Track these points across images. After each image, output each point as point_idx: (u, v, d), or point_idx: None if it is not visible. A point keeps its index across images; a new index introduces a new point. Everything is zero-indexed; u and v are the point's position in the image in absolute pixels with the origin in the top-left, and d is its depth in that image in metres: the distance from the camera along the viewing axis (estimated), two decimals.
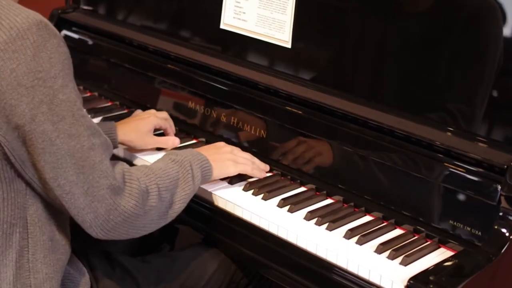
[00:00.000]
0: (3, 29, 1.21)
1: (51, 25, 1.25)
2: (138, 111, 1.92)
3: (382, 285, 1.34)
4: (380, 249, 1.42)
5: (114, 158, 1.81)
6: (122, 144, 1.77)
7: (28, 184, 1.30)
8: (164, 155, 1.52)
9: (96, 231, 1.32)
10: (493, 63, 1.45)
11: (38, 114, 1.22)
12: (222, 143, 1.71)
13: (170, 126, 1.87)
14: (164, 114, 1.88)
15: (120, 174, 1.33)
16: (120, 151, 1.82)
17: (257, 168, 1.68)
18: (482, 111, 1.48)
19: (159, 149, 1.82)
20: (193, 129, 1.91)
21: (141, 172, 1.39)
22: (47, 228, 1.34)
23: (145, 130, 1.79)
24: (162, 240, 1.95)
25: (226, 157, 1.63)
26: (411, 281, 1.29)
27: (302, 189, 1.67)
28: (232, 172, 1.63)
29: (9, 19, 1.21)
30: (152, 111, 1.88)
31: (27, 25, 1.21)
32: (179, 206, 1.45)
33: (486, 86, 1.47)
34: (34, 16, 1.23)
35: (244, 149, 1.75)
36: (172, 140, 1.81)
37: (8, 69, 1.20)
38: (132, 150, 1.81)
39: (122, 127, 1.77)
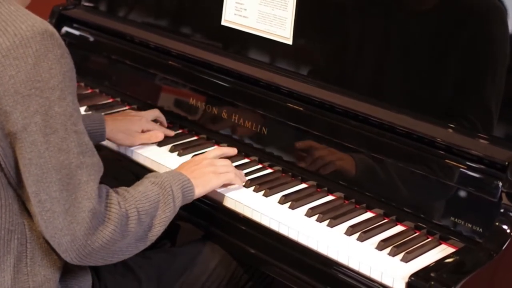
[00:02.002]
0: (7, 35, 1.20)
1: (57, 35, 1.24)
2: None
3: (383, 281, 1.34)
4: (381, 246, 1.42)
5: (110, 151, 1.82)
6: (109, 140, 1.78)
7: None
8: (144, 177, 1.47)
9: (71, 256, 1.28)
10: (495, 60, 1.45)
11: (31, 124, 1.21)
12: (200, 157, 1.63)
13: (160, 126, 1.87)
14: (156, 113, 1.89)
15: (103, 198, 1.29)
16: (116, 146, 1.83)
17: (239, 175, 1.64)
18: (483, 108, 1.48)
19: (159, 144, 1.83)
20: (194, 126, 1.91)
21: (120, 196, 1.34)
22: None
23: (133, 131, 1.80)
24: (163, 236, 1.95)
25: (207, 171, 1.56)
26: (412, 278, 1.30)
27: (303, 185, 1.67)
28: (216, 185, 1.57)
29: (15, 26, 1.21)
30: (144, 113, 1.88)
31: (31, 33, 1.20)
32: (158, 229, 1.41)
33: (488, 84, 1.47)
34: (40, 24, 1.22)
35: (245, 146, 1.76)
36: (155, 134, 1.81)
37: (7, 76, 1.19)
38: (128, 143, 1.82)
39: (112, 123, 1.78)
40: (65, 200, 1.24)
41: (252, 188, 1.63)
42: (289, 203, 1.57)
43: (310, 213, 1.53)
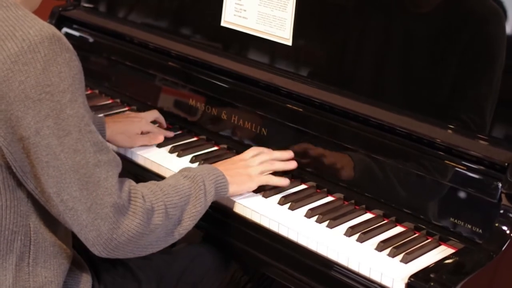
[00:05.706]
0: (15, 40, 1.20)
1: (64, 39, 1.25)
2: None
3: (383, 282, 1.34)
4: (381, 247, 1.42)
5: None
6: (108, 142, 1.78)
7: (30, 193, 1.29)
8: (178, 171, 1.48)
9: (99, 250, 1.30)
10: (495, 61, 1.45)
11: (44, 128, 1.21)
12: (238, 157, 1.63)
13: (159, 127, 1.87)
14: (155, 114, 1.89)
15: (126, 192, 1.31)
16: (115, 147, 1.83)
17: (281, 178, 1.62)
18: (483, 109, 1.48)
19: (159, 145, 1.82)
20: (193, 127, 1.91)
21: (147, 189, 1.36)
22: (50, 234, 1.34)
23: (133, 133, 1.80)
24: None
25: (243, 172, 1.57)
26: (412, 279, 1.30)
27: (303, 186, 1.67)
28: (250, 188, 1.58)
29: (23, 31, 1.21)
30: (144, 115, 1.88)
31: (39, 38, 1.20)
32: (188, 223, 1.41)
33: (488, 85, 1.47)
34: (48, 29, 1.22)
35: (244, 147, 1.75)
36: (155, 137, 1.81)
37: (17, 81, 1.20)
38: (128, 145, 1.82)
39: (112, 125, 1.78)
40: (86, 199, 1.25)
41: None
42: (288, 204, 1.57)
43: (309, 214, 1.53)
